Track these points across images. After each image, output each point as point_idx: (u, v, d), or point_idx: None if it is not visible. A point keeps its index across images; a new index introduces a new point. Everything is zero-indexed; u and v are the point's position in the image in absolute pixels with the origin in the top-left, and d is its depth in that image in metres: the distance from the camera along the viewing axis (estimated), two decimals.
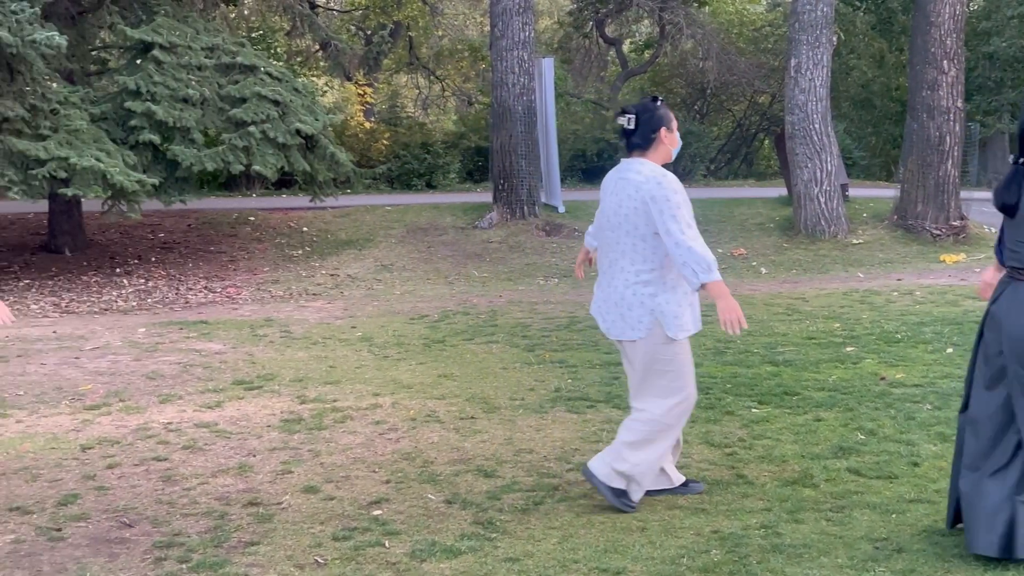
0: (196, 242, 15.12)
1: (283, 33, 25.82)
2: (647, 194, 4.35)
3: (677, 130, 4.57)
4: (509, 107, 15.72)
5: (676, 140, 4.55)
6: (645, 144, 4.48)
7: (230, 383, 7.12)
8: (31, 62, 11.55)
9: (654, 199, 4.34)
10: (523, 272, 13.51)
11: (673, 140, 4.53)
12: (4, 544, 4.16)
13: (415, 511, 4.51)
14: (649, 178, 4.37)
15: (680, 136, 4.63)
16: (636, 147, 4.50)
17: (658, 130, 4.47)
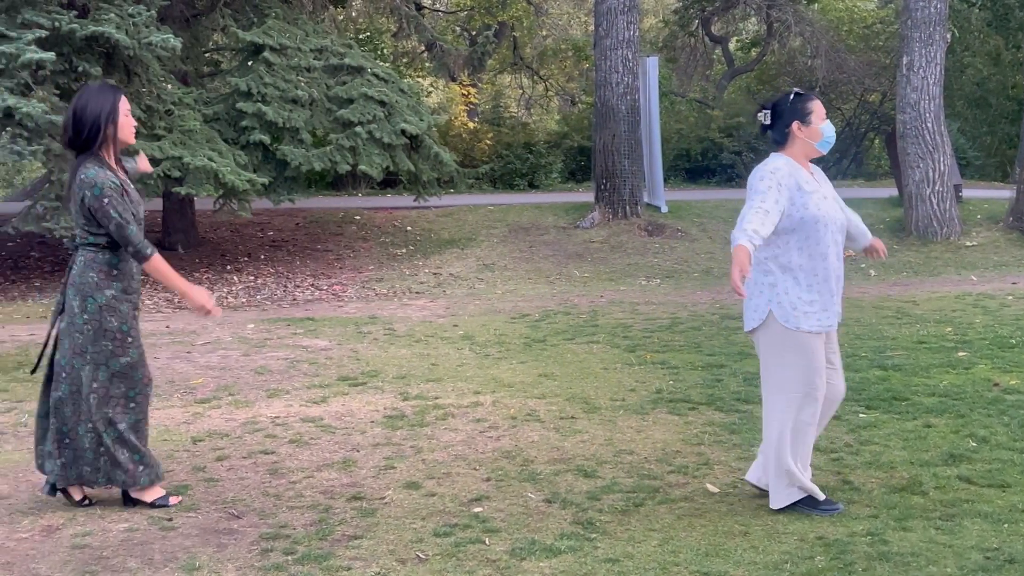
0: (304, 240, 15.41)
1: (390, 34, 26.15)
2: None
3: (823, 122, 4.43)
4: (612, 106, 15.66)
5: (817, 133, 4.41)
6: (781, 139, 4.45)
7: (335, 379, 7.24)
8: (147, 64, 11.91)
9: (751, 187, 4.33)
10: (625, 272, 13.45)
11: (812, 133, 4.41)
12: (118, 532, 4.30)
13: (515, 509, 4.53)
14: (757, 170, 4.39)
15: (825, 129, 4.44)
16: (775, 142, 4.48)
17: (790, 124, 4.41)
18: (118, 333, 4.46)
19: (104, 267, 4.47)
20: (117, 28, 11.09)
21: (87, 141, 4.47)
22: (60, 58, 10.88)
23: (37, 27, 10.72)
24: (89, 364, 4.45)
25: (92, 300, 4.44)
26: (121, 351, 4.47)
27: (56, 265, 13.87)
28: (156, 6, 12.07)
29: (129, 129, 4.58)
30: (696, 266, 13.80)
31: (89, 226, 4.46)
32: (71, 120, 4.48)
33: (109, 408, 4.48)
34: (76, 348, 4.47)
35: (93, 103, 4.47)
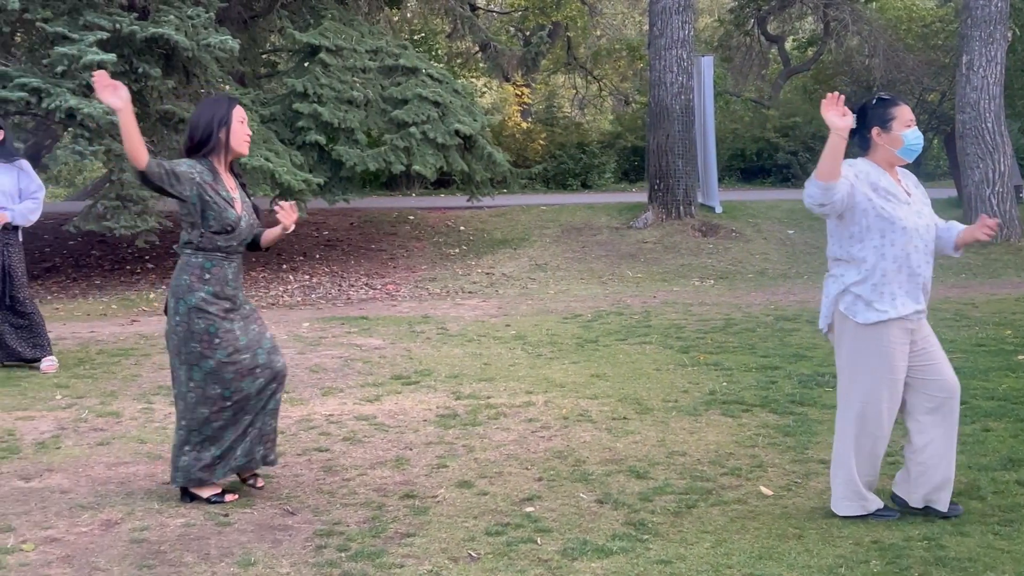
0: (358, 240, 15.52)
1: (444, 35, 26.25)
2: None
3: (905, 128, 4.31)
4: (667, 106, 15.59)
5: (897, 140, 4.31)
6: (863, 145, 4.38)
7: (389, 378, 7.29)
8: (205, 65, 12.07)
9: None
10: (678, 273, 13.39)
11: (892, 140, 4.31)
12: (175, 527, 4.37)
13: (567, 509, 4.53)
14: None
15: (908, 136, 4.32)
16: (858, 147, 4.41)
17: (871, 130, 4.34)
18: (204, 335, 4.54)
19: (196, 270, 4.57)
20: (176, 30, 11.25)
21: (199, 146, 4.59)
22: (121, 59, 11.07)
23: (99, 29, 10.91)
24: (184, 365, 4.57)
25: (184, 302, 4.54)
26: (209, 352, 4.55)
27: (116, 264, 14.10)
28: (214, 8, 12.23)
29: (242, 137, 4.67)
30: (750, 267, 13.70)
31: (188, 225, 4.59)
32: (188, 127, 4.62)
33: (206, 408, 4.58)
34: (173, 349, 4.60)
35: (208, 110, 4.60)
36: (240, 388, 4.61)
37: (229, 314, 4.61)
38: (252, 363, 4.62)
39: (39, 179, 7.63)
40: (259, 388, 4.66)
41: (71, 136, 11.44)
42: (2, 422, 6.09)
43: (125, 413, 6.32)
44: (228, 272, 4.64)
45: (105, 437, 5.79)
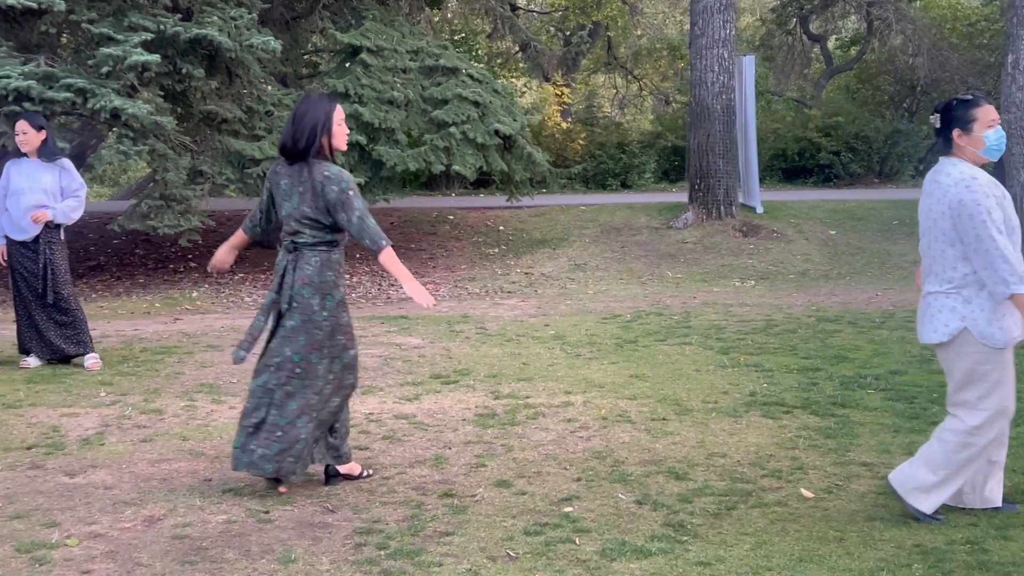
0: (398, 239, 15.59)
1: (484, 35, 26.29)
2: (955, 198, 4.16)
3: (987, 129, 4.24)
4: (708, 106, 15.52)
5: (979, 141, 4.24)
6: (947, 146, 4.32)
7: (428, 377, 7.31)
8: (248, 66, 12.17)
9: (963, 203, 4.14)
10: (718, 273, 13.33)
11: (973, 141, 4.24)
12: (217, 524, 4.41)
13: (605, 510, 4.52)
14: (958, 181, 4.18)
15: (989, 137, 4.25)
16: (944, 147, 4.36)
17: (951, 131, 4.29)
18: (348, 328, 4.75)
19: (337, 266, 4.73)
20: (219, 31, 11.36)
21: (306, 149, 4.66)
22: (164, 60, 11.19)
23: (143, 30, 11.03)
24: (326, 358, 4.68)
25: (331, 298, 4.66)
26: (351, 344, 4.76)
27: (159, 262, 14.25)
28: (257, 9, 12.33)
29: (342, 137, 4.80)
30: (792, 268, 13.60)
31: (323, 225, 4.65)
32: (291, 129, 4.68)
33: (338, 396, 4.77)
34: (315, 344, 4.66)
35: (310, 117, 4.67)
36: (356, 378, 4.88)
37: None
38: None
39: (80, 178, 7.73)
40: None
41: (116, 136, 11.56)
42: (47, 418, 6.18)
43: (168, 410, 6.39)
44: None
45: (148, 434, 5.85)
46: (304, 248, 4.69)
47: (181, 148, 11.91)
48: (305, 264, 4.67)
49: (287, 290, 4.69)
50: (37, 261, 7.51)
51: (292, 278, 4.68)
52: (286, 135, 4.71)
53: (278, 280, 4.74)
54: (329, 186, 4.60)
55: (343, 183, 4.62)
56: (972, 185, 4.14)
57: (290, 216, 4.70)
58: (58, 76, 10.57)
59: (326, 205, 4.62)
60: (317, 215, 4.65)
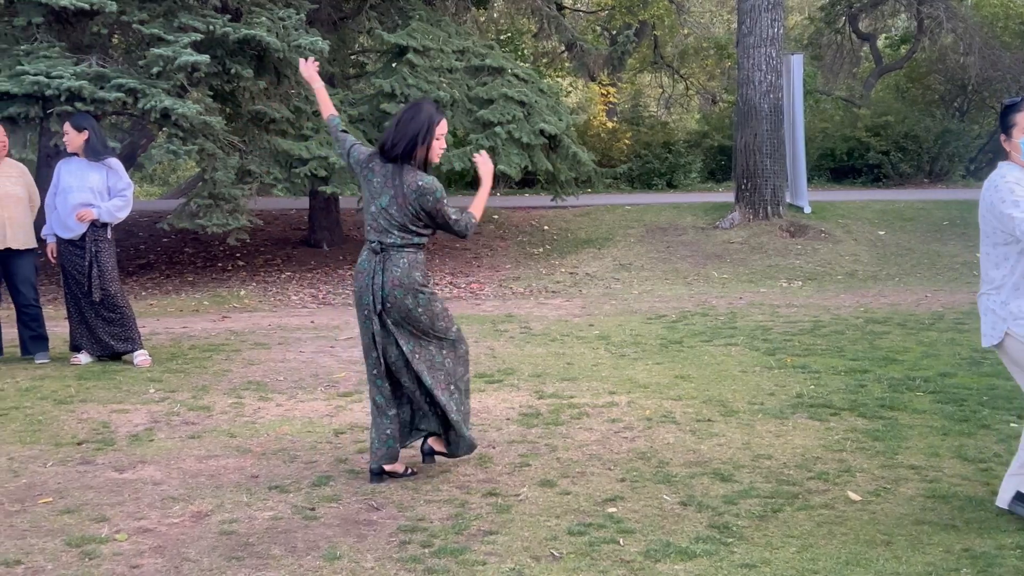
0: (443, 238, 15.62)
1: (530, 35, 26.28)
2: (987, 199, 4.18)
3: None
4: (755, 105, 15.42)
5: (1017, 147, 4.19)
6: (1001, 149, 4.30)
7: (472, 376, 7.32)
8: (296, 66, 12.24)
9: (991, 204, 4.16)
10: (765, 274, 13.23)
11: (1013, 146, 4.20)
12: (263, 520, 4.45)
13: (650, 511, 4.50)
14: (990, 181, 4.21)
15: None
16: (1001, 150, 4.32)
17: (1005, 132, 4.26)
18: (446, 313, 4.95)
19: (423, 266, 4.84)
20: (268, 31, 11.45)
21: (403, 155, 4.75)
22: (214, 60, 11.30)
23: (193, 31, 11.15)
24: (435, 340, 4.88)
25: (421, 295, 4.79)
26: (451, 324, 4.96)
27: (207, 261, 14.40)
28: (305, 9, 12.42)
29: (438, 151, 4.90)
30: (840, 268, 13.48)
31: (410, 229, 4.76)
32: (392, 132, 4.76)
33: (463, 367, 4.96)
34: (420, 330, 4.85)
35: (416, 121, 4.76)
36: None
37: None
38: None
39: (127, 177, 7.83)
40: None
41: (165, 136, 11.70)
42: (98, 415, 6.27)
43: (216, 407, 6.45)
44: None
45: (196, 431, 5.92)
46: (391, 249, 4.75)
47: (230, 148, 12.02)
48: (393, 266, 4.74)
49: (378, 291, 4.76)
50: (84, 259, 7.62)
51: (381, 280, 4.75)
52: (387, 136, 4.79)
53: (366, 282, 4.79)
54: (425, 196, 4.72)
55: (437, 192, 4.74)
56: (999, 184, 4.14)
57: (379, 214, 4.77)
58: (109, 76, 10.71)
59: (419, 212, 4.73)
60: (404, 219, 4.72)
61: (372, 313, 4.80)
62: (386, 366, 4.88)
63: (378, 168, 4.82)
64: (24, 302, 7.95)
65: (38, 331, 8.00)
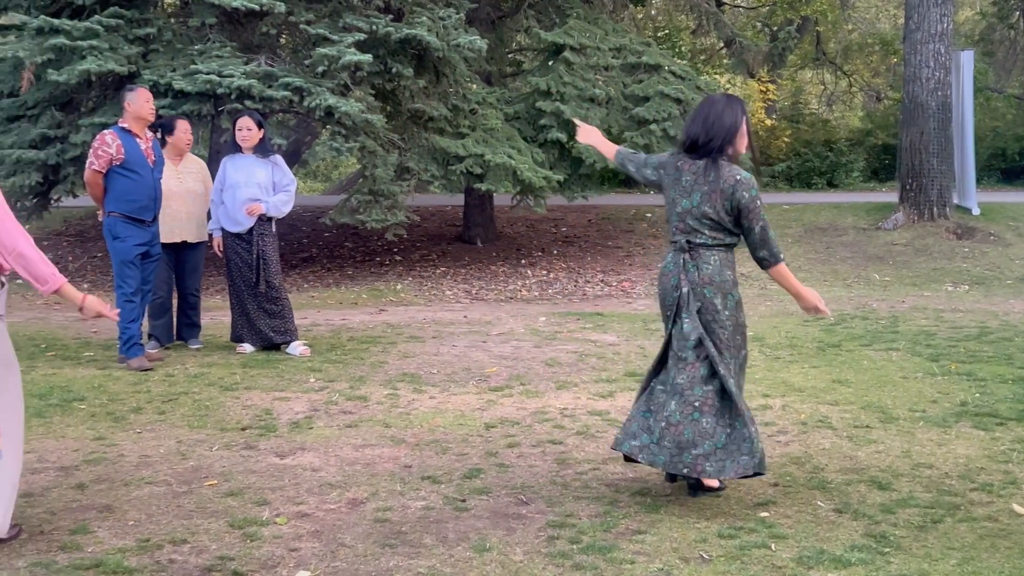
0: (595, 237, 15.62)
1: (688, 31, 26.02)
2: None
3: None
4: (922, 103, 14.90)
5: None
6: None
7: (622, 374, 7.31)
8: (455, 65, 12.45)
9: None
10: (929, 277, 12.78)
11: None
12: (416, 510, 4.54)
13: (803, 517, 4.42)
14: None
15: None
16: None
17: None
18: (745, 329, 4.72)
19: (733, 266, 4.71)
20: (428, 31, 11.66)
21: (718, 150, 4.62)
22: (376, 60, 11.57)
23: (357, 30, 11.44)
24: (732, 359, 4.67)
25: (731, 297, 4.65)
26: (744, 344, 4.71)
27: (366, 255, 14.75)
28: (465, 9, 12.59)
29: (743, 143, 4.75)
30: (1010, 273, 12.91)
31: (723, 226, 4.63)
32: (702, 127, 4.65)
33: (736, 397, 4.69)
34: (725, 341, 4.65)
35: (728, 114, 4.64)
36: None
37: None
38: None
39: (291, 173, 8.11)
40: None
41: (329, 133, 12.04)
42: (261, 402, 6.51)
43: (372, 398, 6.62)
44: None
45: (353, 420, 6.08)
46: (701, 248, 4.65)
47: (389, 145, 12.29)
48: (704, 264, 4.65)
49: (685, 289, 4.65)
50: (251, 252, 7.91)
51: (695, 276, 4.65)
52: (696, 131, 4.64)
53: (673, 282, 4.70)
54: (741, 190, 4.55)
55: (753, 189, 4.58)
56: None
57: (687, 213, 4.65)
58: (277, 75, 11.08)
59: (733, 208, 4.58)
60: (719, 216, 4.60)
61: (673, 315, 4.70)
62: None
63: (687, 166, 4.67)
64: (188, 291, 8.34)
65: (194, 319, 8.39)
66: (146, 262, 7.56)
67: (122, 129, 7.40)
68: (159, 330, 8.23)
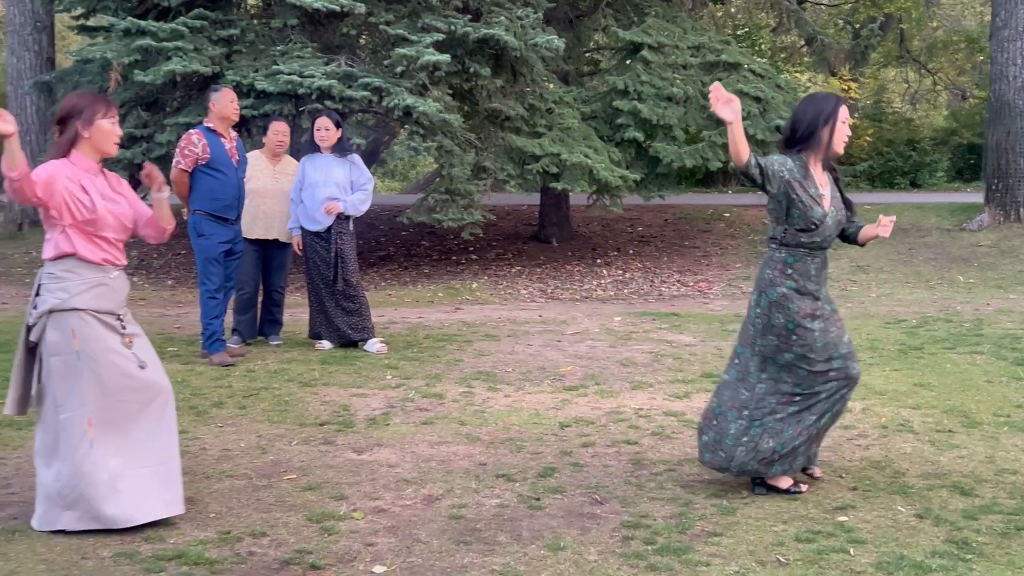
0: (671, 236, 15.53)
1: (768, 29, 25.73)
2: None
3: None
4: (1008, 101, 14.56)
5: None
6: None
7: (698, 375, 7.26)
8: (532, 64, 12.47)
9: None
10: (1016, 279, 12.48)
11: None
12: (491, 507, 4.56)
13: (883, 522, 4.35)
14: None
15: None
16: None
17: None
18: (783, 330, 4.59)
19: (779, 265, 4.63)
20: (506, 30, 11.70)
21: (799, 140, 4.64)
22: (454, 60, 11.64)
23: (435, 31, 11.52)
24: (757, 356, 4.67)
25: (765, 296, 4.63)
26: (785, 347, 4.60)
27: (442, 254, 14.85)
28: (543, 8, 12.60)
29: (842, 139, 4.72)
30: None
31: (773, 221, 4.67)
32: (791, 120, 4.70)
33: (774, 399, 4.63)
34: (746, 339, 4.71)
35: (814, 106, 4.66)
36: (811, 387, 4.61)
37: (811, 314, 4.61)
38: (826, 366, 4.60)
39: (368, 172, 8.19)
40: (830, 392, 4.63)
41: (407, 133, 12.14)
42: (339, 398, 6.59)
43: (447, 395, 6.66)
44: (811, 268, 4.65)
45: (429, 417, 6.13)
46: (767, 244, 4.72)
47: (466, 144, 12.35)
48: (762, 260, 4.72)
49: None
50: (329, 250, 8.01)
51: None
52: (785, 126, 4.72)
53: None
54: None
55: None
56: None
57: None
58: (356, 75, 11.21)
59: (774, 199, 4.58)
60: (770, 209, 4.64)
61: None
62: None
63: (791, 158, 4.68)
64: (273, 287, 8.48)
65: (276, 316, 8.53)
66: (229, 259, 7.70)
67: (207, 129, 7.55)
68: (243, 325, 8.38)
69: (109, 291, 4.28)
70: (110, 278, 4.30)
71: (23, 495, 4.66)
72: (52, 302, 4.19)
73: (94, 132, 4.28)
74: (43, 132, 15.90)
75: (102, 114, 4.30)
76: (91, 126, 4.27)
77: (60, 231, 4.23)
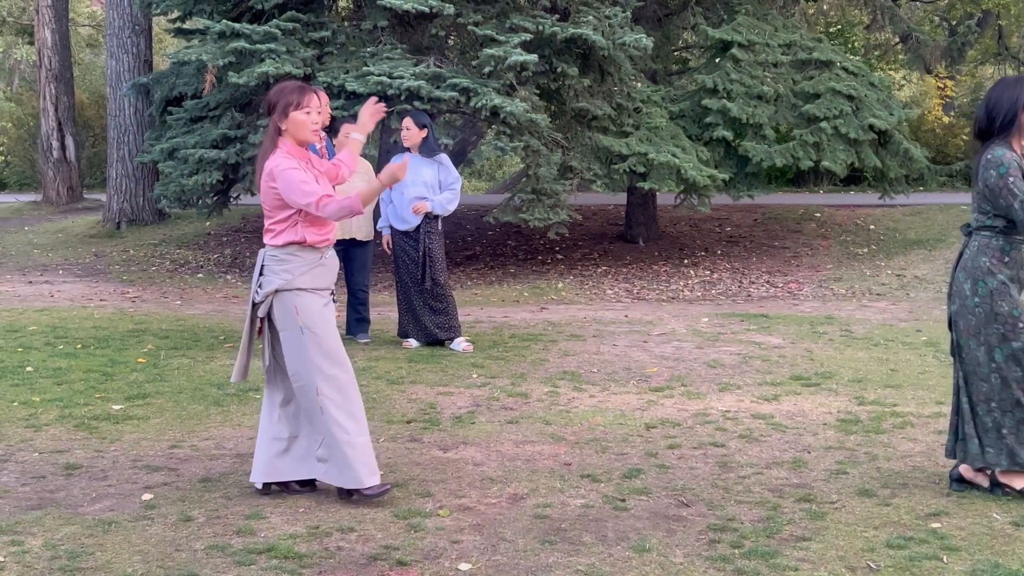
0: (760, 236, 15.34)
1: (862, 27, 25.25)
2: None
3: None
4: None
5: None
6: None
7: (787, 378, 7.16)
8: (620, 63, 12.42)
9: None
10: None
11: None
12: (575, 507, 4.56)
13: (978, 529, 4.24)
14: None
15: None
16: None
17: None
18: (1009, 317, 4.54)
19: (996, 253, 4.58)
20: (594, 30, 11.66)
21: (1000, 128, 4.57)
22: (541, 59, 11.64)
23: (523, 31, 11.54)
24: (983, 346, 4.61)
25: (983, 284, 4.58)
26: (1012, 335, 4.55)
27: (528, 254, 14.87)
28: (631, 7, 12.54)
29: None
30: None
31: (986, 209, 4.59)
32: (984, 109, 4.65)
33: (1014, 390, 4.57)
34: (969, 330, 4.65)
35: (1008, 92, 4.59)
36: None
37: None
38: None
39: (456, 172, 8.24)
40: None
41: (494, 133, 12.18)
42: (425, 396, 6.64)
43: (532, 395, 6.67)
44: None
45: (514, 416, 6.15)
46: (974, 232, 4.64)
47: (553, 144, 12.35)
48: (968, 248, 4.64)
49: (953, 275, 4.70)
50: (418, 249, 8.08)
51: (957, 263, 4.68)
52: (979, 116, 4.64)
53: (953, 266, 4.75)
54: (988, 170, 4.49)
55: (1002, 167, 4.45)
56: None
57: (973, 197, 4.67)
58: (445, 76, 11.28)
59: (983, 189, 4.52)
60: (979, 198, 4.57)
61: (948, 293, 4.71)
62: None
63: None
64: (357, 286, 8.57)
65: (363, 314, 8.62)
66: None
67: None
68: None
69: (325, 270, 4.67)
70: (326, 257, 4.67)
71: (119, 487, 4.79)
72: (277, 283, 4.57)
73: (290, 124, 4.61)
74: (140, 133, 16.30)
75: (295, 106, 4.60)
76: (286, 119, 4.61)
77: (292, 223, 4.57)
